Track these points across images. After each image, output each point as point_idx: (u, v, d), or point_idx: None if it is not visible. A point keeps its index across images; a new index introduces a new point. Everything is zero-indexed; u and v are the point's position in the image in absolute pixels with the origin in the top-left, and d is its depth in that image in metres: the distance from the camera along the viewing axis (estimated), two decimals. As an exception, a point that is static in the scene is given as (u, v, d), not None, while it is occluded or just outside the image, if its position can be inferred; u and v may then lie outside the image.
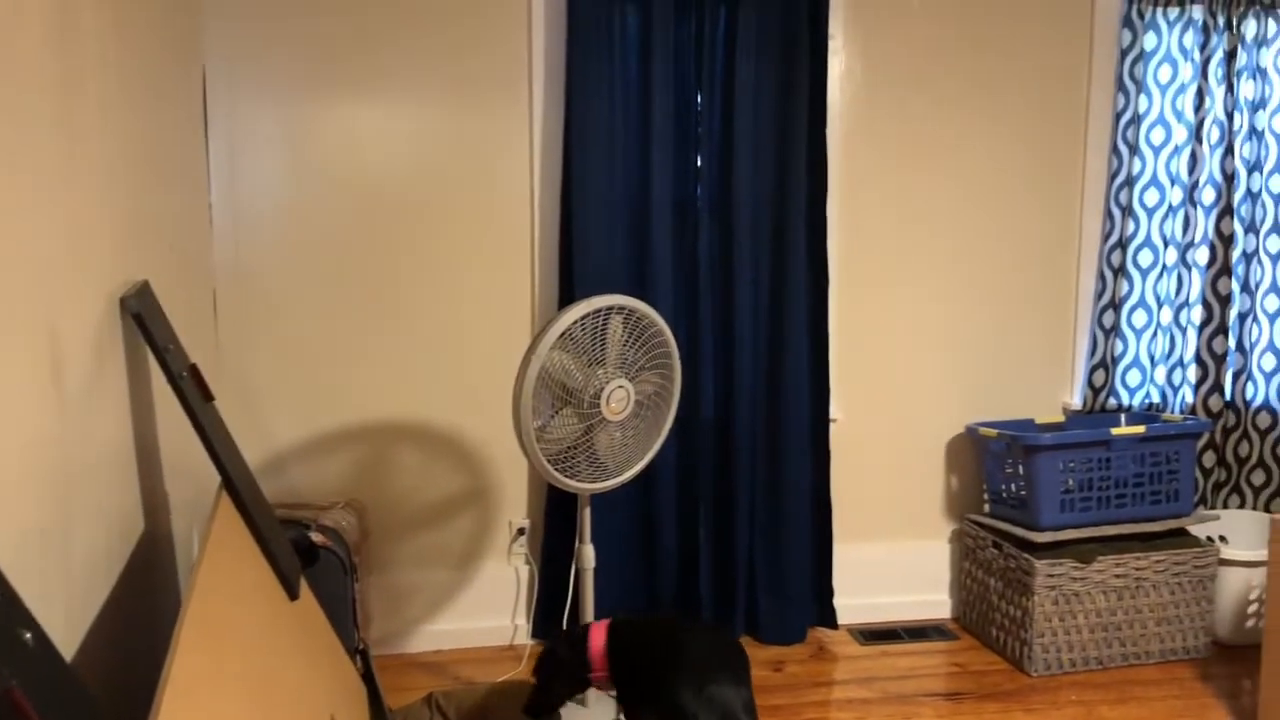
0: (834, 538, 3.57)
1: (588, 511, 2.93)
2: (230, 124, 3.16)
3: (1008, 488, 3.44)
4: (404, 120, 3.27)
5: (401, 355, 3.34)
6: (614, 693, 2.65)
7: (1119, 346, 3.66)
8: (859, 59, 3.50)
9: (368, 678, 2.72)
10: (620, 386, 2.75)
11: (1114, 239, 3.60)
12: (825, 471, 3.51)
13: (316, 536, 2.85)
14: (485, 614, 3.46)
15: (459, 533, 3.45)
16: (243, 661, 1.75)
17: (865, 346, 3.61)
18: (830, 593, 3.53)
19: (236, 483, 2.19)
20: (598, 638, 2.59)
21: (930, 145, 3.57)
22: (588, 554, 2.94)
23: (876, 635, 3.58)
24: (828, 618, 3.53)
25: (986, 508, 3.56)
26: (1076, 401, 3.70)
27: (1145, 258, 3.65)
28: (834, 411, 3.56)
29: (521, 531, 3.47)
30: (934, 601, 3.73)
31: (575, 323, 2.68)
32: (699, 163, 3.38)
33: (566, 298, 3.28)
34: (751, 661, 3.34)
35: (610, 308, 2.74)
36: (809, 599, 3.54)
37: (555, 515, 3.37)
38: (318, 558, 2.85)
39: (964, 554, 3.63)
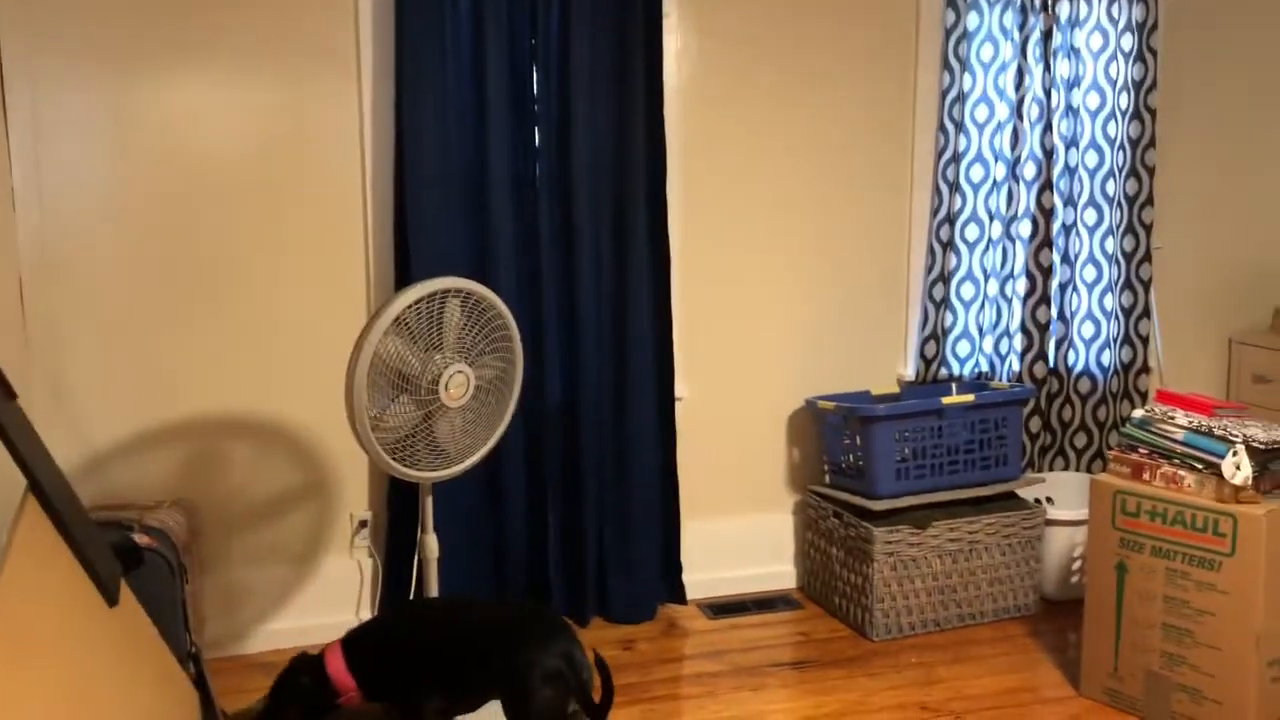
0: (682, 515, 3.59)
1: (430, 500, 2.86)
2: (33, 102, 2.95)
3: (847, 458, 3.52)
4: (225, 96, 3.11)
5: (230, 345, 3.20)
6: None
7: (949, 318, 3.78)
8: (694, 37, 3.50)
9: (199, 682, 2.60)
10: (459, 372, 2.69)
11: (942, 214, 3.71)
12: (672, 450, 3.53)
13: (140, 538, 2.70)
14: (327, 610, 3.36)
15: (297, 528, 3.33)
16: (54, 674, 1.65)
17: (709, 324, 3.64)
18: (679, 569, 3.56)
19: (44, 485, 2.04)
20: (334, 660, 2.56)
21: (767, 124, 3.60)
22: (431, 544, 2.88)
23: (725, 609, 3.62)
24: (677, 594, 3.56)
25: (827, 479, 3.64)
26: (910, 373, 3.81)
27: (972, 232, 3.78)
28: (679, 390, 3.57)
29: (364, 524, 3.38)
30: (780, 573, 3.79)
31: (409, 307, 2.61)
32: (537, 141, 3.33)
33: (403, 281, 3.19)
34: (602, 642, 3.34)
35: (447, 290, 2.67)
36: (658, 577, 3.55)
37: (398, 505, 3.29)
38: (142, 560, 2.70)
39: (807, 525, 3.71)
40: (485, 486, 3.37)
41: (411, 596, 3.10)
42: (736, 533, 3.74)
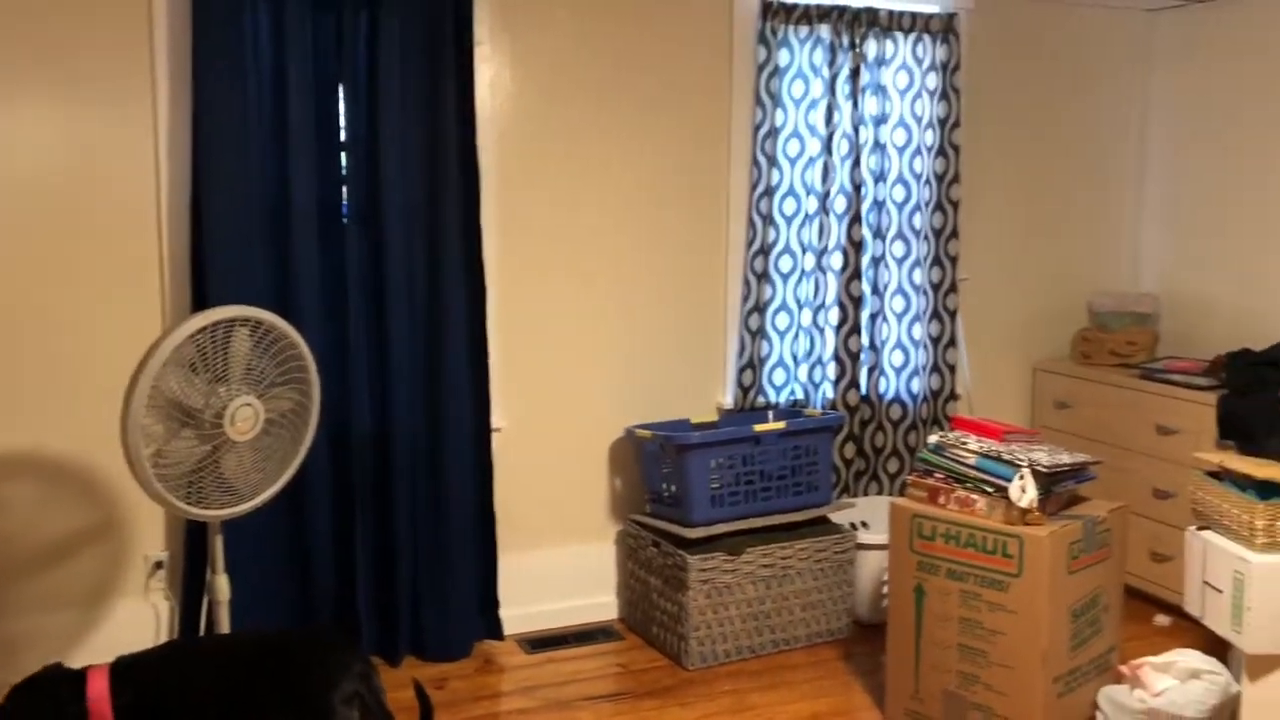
0: (500, 547, 3.53)
1: (219, 540, 2.74)
2: None
3: (665, 487, 3.53)
4: (9, 123, 2.94)
5: (9, 381, 3.01)
6: None
7: (765, 347, 3.84)
8: (508, 66, 3.49)
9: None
10: (247, 404, 2.59)
11: (756, 246, 3.78)
12: (489, 481, 3.48)
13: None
14: (119, 657, 3.18)
15: (86, 571, 3.15)
16: None
17: (527, 355, 3.61)
18: (496, 604, 3.50)
19: None
20: (97, 684, 2.33)
21: (585, 155, 3.61)
22: (221, 585, 2.76)
23: (544, 643, 3.57)
24: (494, 629, 3.50)
25: (647, 508, 3.65)
26: (729, 401, 3.86)
27: (786, 263, 3.85)
28: (496, 420, 3.52)
29: (159, 565, 3.22)
30: (602, 604, 3.77)
31: (191, 337, 2.50)
32: (344, 169, 3.26)
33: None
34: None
35: (233, 319, 2.58)
36: (475, 612, 3.49)
37: (196, 545, 3.14)
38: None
39: (628, 555, 3.70)
40: (290, 523, 3.25)
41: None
42: (557, 565, 3.70)
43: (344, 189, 3.26)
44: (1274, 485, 2.81)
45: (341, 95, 3.22)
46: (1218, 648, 3.00)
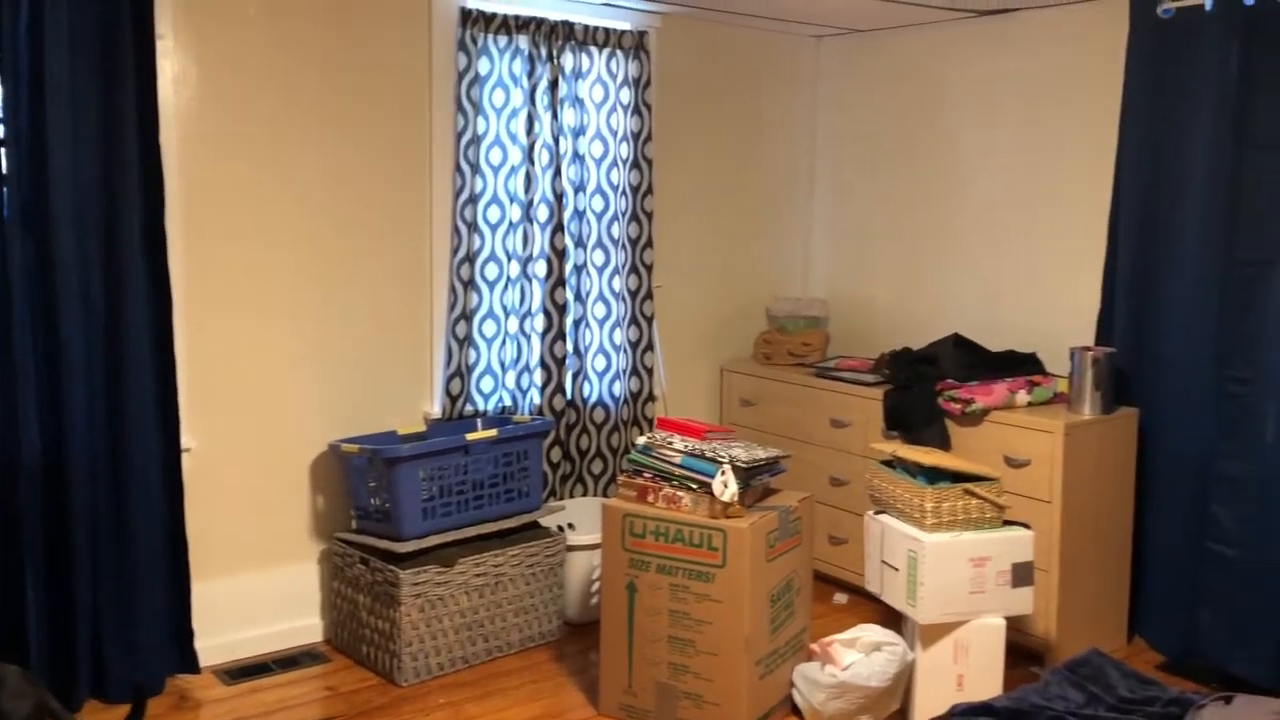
0: (193, 575, 3.30)
1: None
2: None
3: (374, 502, 3.44)
4: None
5: None
6: None
7: (472, 355, 3.84)
8: (195, 63, 3.27)
9: None
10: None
11: (462, 254, 3.76)
12: (179, 505, 3.24)
13: None
14: None
15: None
16: None
17: (221, 370, 3.40)
18: (190, 635, 3.27)
19: None
20: None
21: (281, 158, 3.45)
22: None
23: (245, 672, 3.38)
24: (188, 663, 3.27)
25: (354, 524, 3.54)
26: (437, 410, 3.82)
27: (491, 271, 3.86)
28: (186, 441, 3.29)
29: None
30: (307, 627, 3.62)
31: None
32: (3, 166, 2.94)
33: None
34: (99, 727, 2.99)
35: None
36: (167, 645, 3.24)
37: None
38: None
39: (334, 574, 3.57)
40: (-56, 564, 2.89)
41: None
42: (257, 589, 3.51)
43: (3, 187, 2.94)
44: (941, 471, 3.15)
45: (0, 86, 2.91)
46: (893, 621, 3.32)
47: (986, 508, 3.12)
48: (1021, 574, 3.10)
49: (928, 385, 3.77)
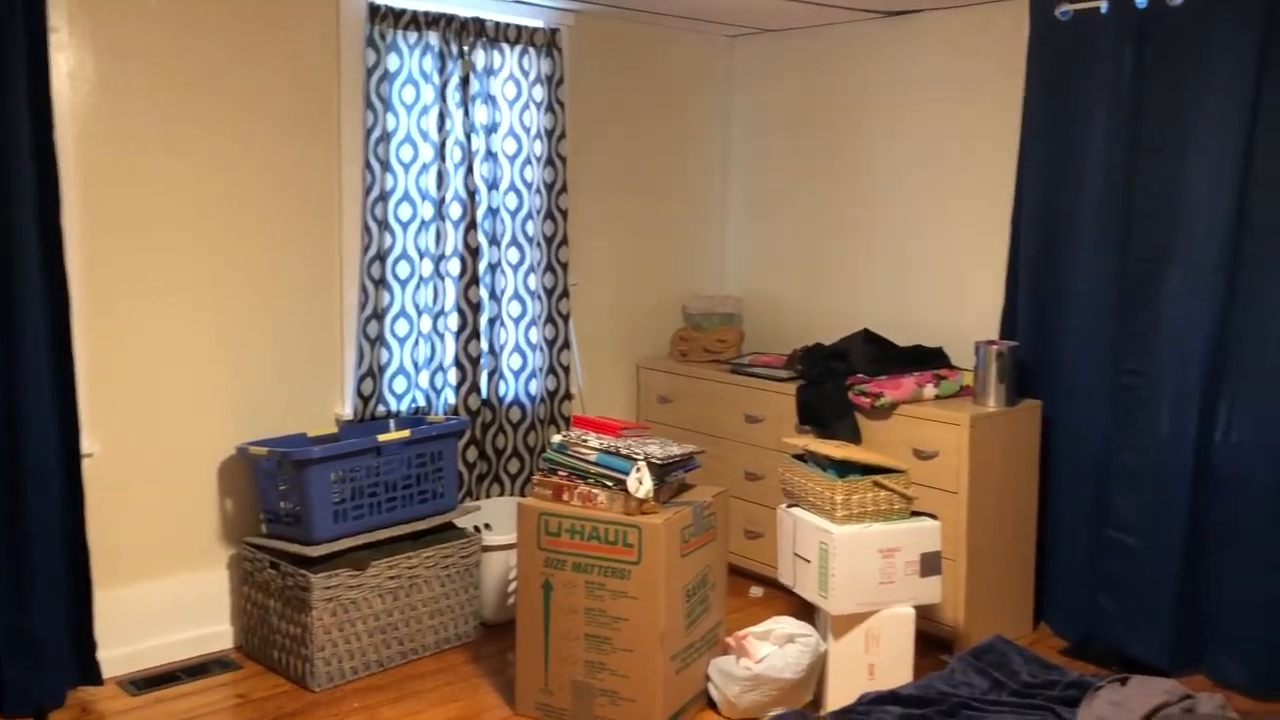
0: (95, 583, 3.20)
1: None
2: None
3: (284, 505, 3.38)
4: None
5: None
6: None
7: (384, 355, 3.79)
8: (92, 55, 3.18)
9: None
10: None
11: (373, 252, 3.72)
12: (79, 512, 3.15)
13: None
14: None
15: None
16: None
17: (123, 372, 3.31)
18: (92, 646, 3.18)
19: None
20: None
21: (186, 156, 3.37)
22: None
23: (152, 682, 3.30)
24: (91, 674, 3.17)
25: (264, 528, 3.47)
26: (348, 411, 3.76)
27: (403, 269, 3.82)
28: (87, 445, 3.20)
29: None
30: (216, 634, 3.54)
31: None
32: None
33: None
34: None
35: None
36: (67, 657, 3.14)
37: None
38: None
39: (243, 579, 3.50)
40: None
41: None
42: (163, 597, 3.43)
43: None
44: (851, 464, 3.20)
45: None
46: (807, 613, 3.36)
47: (895, 499, 3.18)
48: (929, 564, 3.17)
49: (839, 380, 3.83)
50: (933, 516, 3.24)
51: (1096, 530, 3.58)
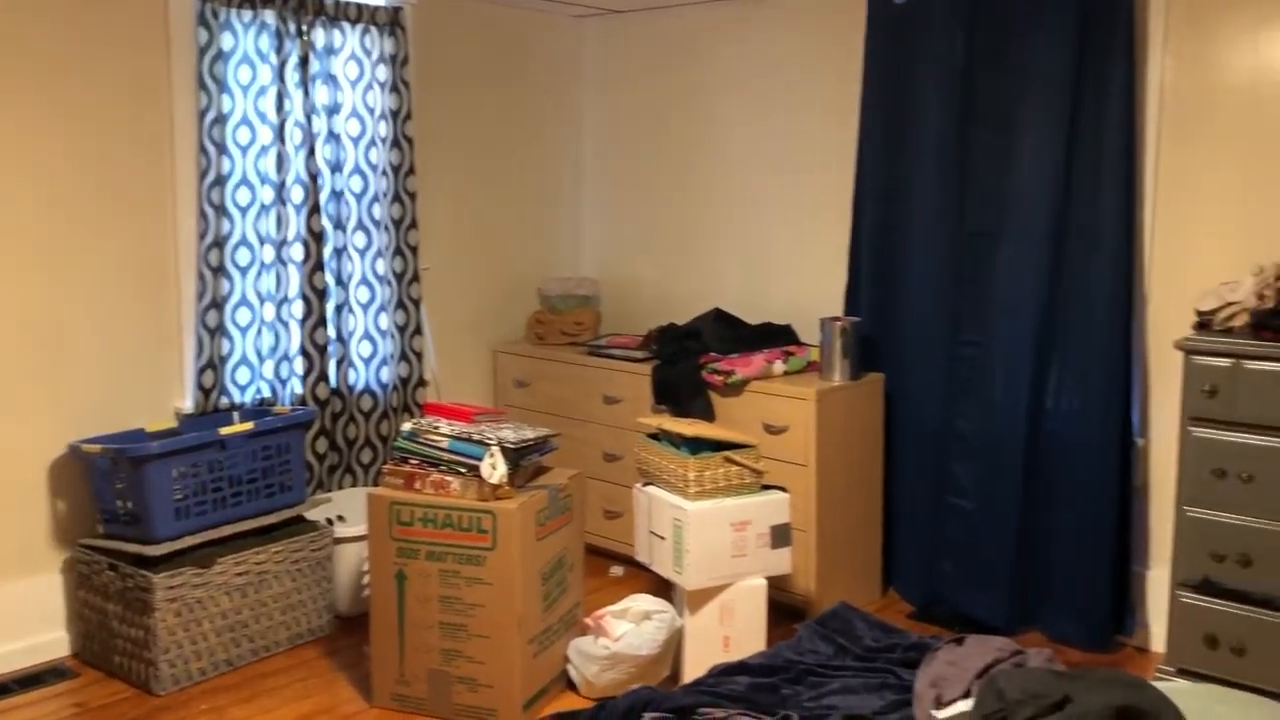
0: (-86, 596, 3.03)
1: None
2: None
3: (121, 504, 3.23)
4: None
5: None
6: None
7: (226, 345, 3.66)
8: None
9: None
10: None
11: (210, 238, 3.58)
12: (-108, 520, 2.96)
13: None
14: None
15: None
16: None
17: (-64, 368, 3.12)
18: (-87, 661, 3.00)
19: None
20: None
21: (4, 139, 3.18)
22: None
23: (-19, 695, 3.14)
24: (-88, 691, 3.00)
25: (100, 529, 3.32)
26: (189, 405, 3.63)
27: (243, 256, 3.70)
28: (-101, 448, 3.01)
29: None
30: (50, 641, 3.37)
31: None
32: None
33: None
34: None
35: None
36: (-116, 675, 2.97)
37: None
38: None
39: (79, 583, 3.35)
40: None
41: None
42: (-9, 605, 3.26)
43: None
44: (702, 441, 3.25)
45: None
46: (664, 590, 3.40)
47: (746, 474, 3.24)
48: (780, 535, 3.24)
49: (692, 359, 3.88)
50: (783, 489, 3.32)
51: (937, 497, 3.72)
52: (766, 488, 3.30)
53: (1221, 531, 2.89)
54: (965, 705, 2.23)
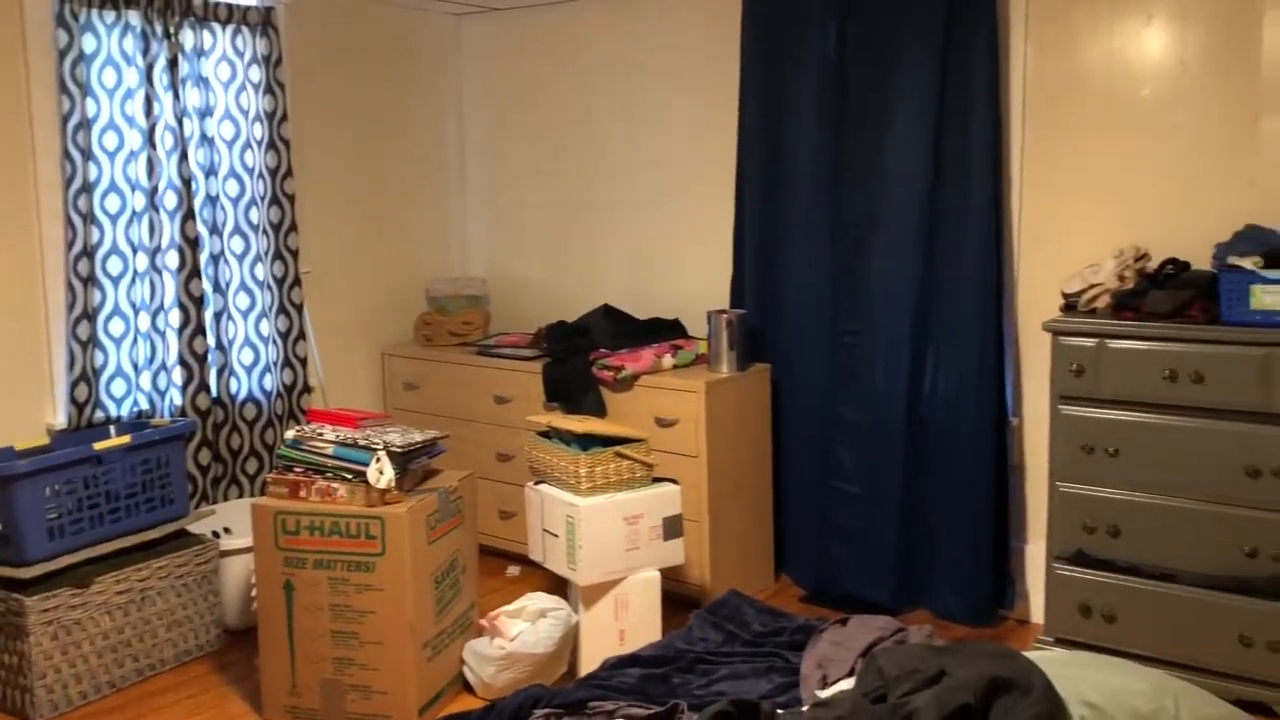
0: None
1: None
2: None
3: (-10, 526, 3.11)
4: None
5: None
6: None
7: (99, 357, 3.55)
8: None
9: None
10: None
11: (79, 247, 3.46)
12: None
13: None
14: None
15: None
16: None
17: None
18: None
19: None
20: None
21: None
22: None
23: None
24: None
25: (-31, 552, 3.19)
26: (62, 420, 3.50)
27: (115, 265, 3.59)
28: None
29: None
30: (-80, 672, 3.24)
31: None
32: None
33: None
34: None
35: None
36: None
37: None
38: None
39: (-52, 610, 3.21)
40: None
41: None
42: None
43: None
44: (593, 437, 3.26)
45: None
46: (561, 587, 3.41)
47: (636, 468, 3.27)
48: (671, 527, 3.28)
49: (582, 356, 3.89)
50: (673, 481, 3.35)
51: (825, 483, 3.80)
52: (658, 480, 3.33)
53: (1092, 504, 3.02)
54: (849, 684, 2.29)
